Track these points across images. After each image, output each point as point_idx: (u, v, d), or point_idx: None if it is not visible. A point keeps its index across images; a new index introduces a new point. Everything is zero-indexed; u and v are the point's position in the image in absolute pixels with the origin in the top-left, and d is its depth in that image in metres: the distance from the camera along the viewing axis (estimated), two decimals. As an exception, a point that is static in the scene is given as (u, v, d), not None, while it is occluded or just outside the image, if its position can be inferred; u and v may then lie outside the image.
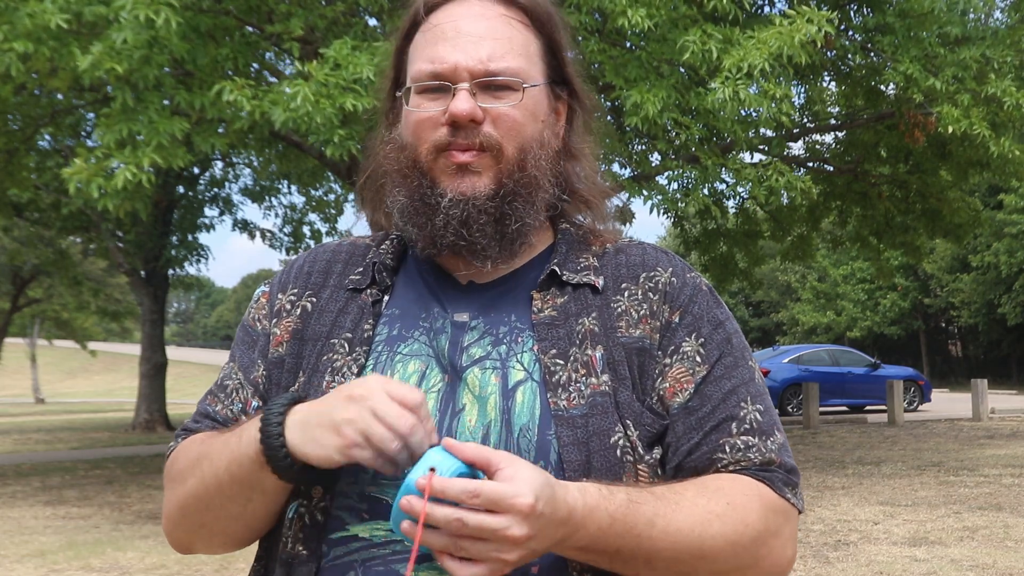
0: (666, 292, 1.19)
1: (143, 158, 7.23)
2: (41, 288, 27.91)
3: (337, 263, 1.25)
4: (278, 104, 7.20)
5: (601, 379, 1.11)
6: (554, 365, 1.11)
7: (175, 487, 1.17)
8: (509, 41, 1.14)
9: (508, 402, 1.09)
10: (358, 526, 1.06)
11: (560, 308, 1.16)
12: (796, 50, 7.78)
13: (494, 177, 1.13)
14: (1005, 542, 6.79)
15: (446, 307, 1.17)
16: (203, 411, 1.23)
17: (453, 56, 1.12)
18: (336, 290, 1.21)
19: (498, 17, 1.15)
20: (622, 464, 1.08)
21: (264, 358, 1.21)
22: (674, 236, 23.36)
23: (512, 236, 1.15)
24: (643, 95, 8.12)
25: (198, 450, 1.14)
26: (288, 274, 1.27)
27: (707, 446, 1.13)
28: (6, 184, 11.58)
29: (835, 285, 42.45)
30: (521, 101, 1.13)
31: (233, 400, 1.21)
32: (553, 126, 1.20)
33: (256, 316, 1.25)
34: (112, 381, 55.01)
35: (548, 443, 1.07)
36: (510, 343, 1.13)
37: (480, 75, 1.11)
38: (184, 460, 1.16)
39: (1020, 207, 31.54)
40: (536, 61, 1.17)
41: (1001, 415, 19.10)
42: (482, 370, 1.11)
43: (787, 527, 1.14)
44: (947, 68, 9.83)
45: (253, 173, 21.31)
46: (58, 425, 23.63)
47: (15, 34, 6.99)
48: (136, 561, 6.80)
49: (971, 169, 13.32)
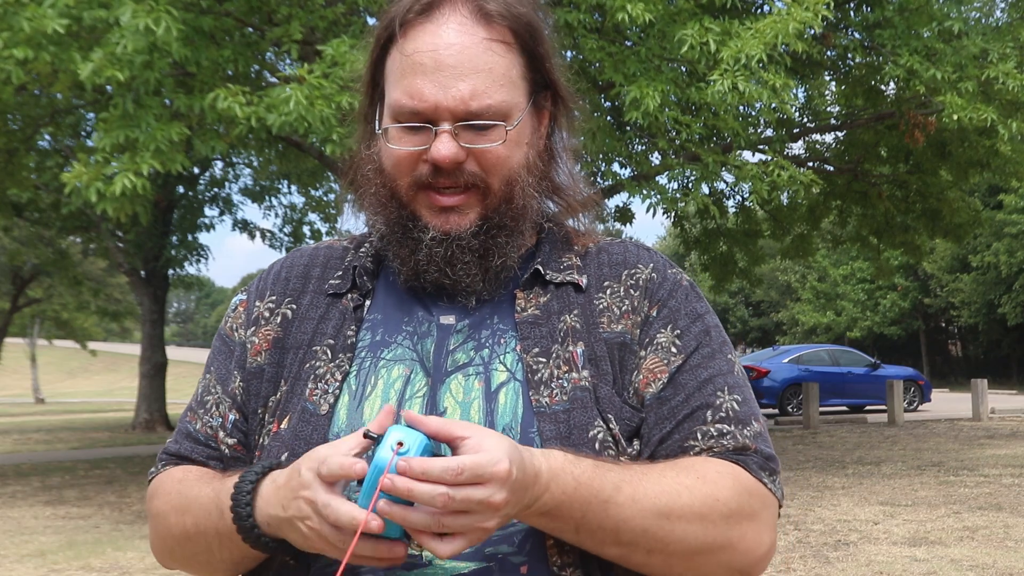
0: (647, 288, 1.18)
1: (142, 164, 7.23)
2: (41, 288, 27.92)
3: (315, 268, 1.23)
4: (273, 110, 7.21)
5: (582, 374, 1.11)
6: (536, 363, 1.11)
7: (158, 523, 1.18)
8: (490, 73, 1.09)
9: (491, 404, 1.09)
10: None
11: (543, 307, 1.16)
12: (791, 39, 7.78)
13: (480, 213, 1.12)
14: (1005, 542, 6.79)
15: (431, 310, 1.16)
16: (183, 431, 1.22)
17: (433, 95, 1.08)
18: (316, 296, 1.20)
19: (479, 44, 1.09)
20: (601, 456, 1.07)
21: (241, 369, 1.19)
22: (674, 236, 23.37)
23: (496, 270, 1.14)
24: (642, 90, 8.13)
25: (177, 500, 1.14)
26: (265, 280, 1.25)
27: (679, 434, 1.11)
28: (6, 184, 11.59)
29: (835, 285, 42.43)
30: (505, 139, 1.11)
31: (212, 415, 1.19)
32: (537, 140, 1.18)
33: (233, 325, 1.23)
34: (112, 381, 55.01)
35: (531, 440, 1.06)
36: (492, 346, 1.13)
37: (462, 116, 1.08)
38: (165, 501, 1.16)
39: (1020, 207, 31.53)
40: (519, 84, 1.13)
41: (1001, 415, 19.10)
42: (465, 376, 1.11)
43: (764, 512, 1.10)
44: (947, 62, 9.80)
45: (253, 173, 21.33)
46: (58, 425, 23.62)
47: (15, 40, 6.98)
48: (136, 561, 6.79)
49: (971, 169, 13.33)
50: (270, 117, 7.19)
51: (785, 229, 15.89)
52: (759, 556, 1.09)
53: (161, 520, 1.17)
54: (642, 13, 7.83)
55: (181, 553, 1.17)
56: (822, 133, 15.00)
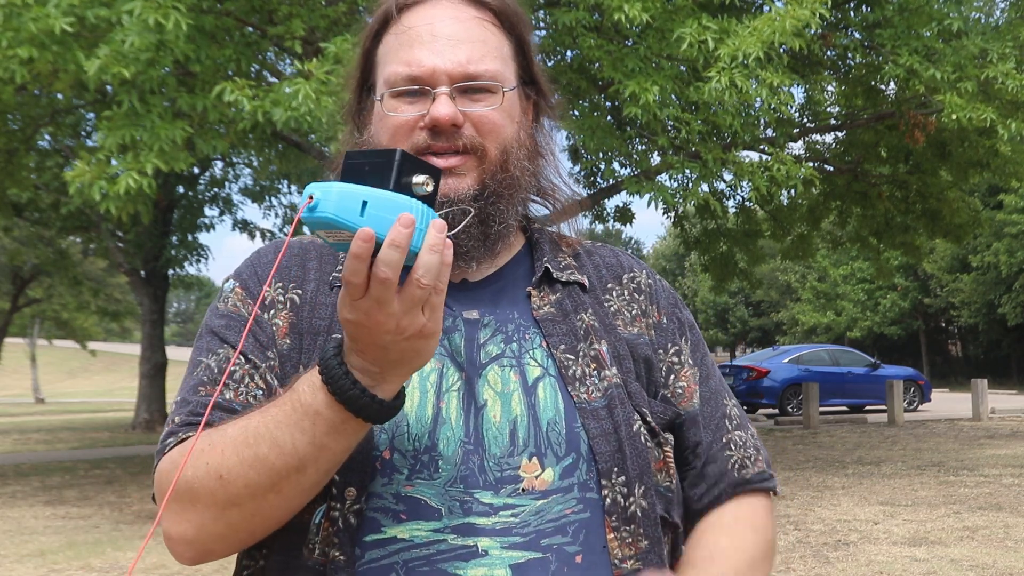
0: (649, 293, 1.25)
1: (145, 163, 7.23)
2: (41, 288, 27.91)
3: (310, 260, 1.20)
4: (279, 104, 7.20)
5: (612, 371, 1.14)
6: (566, 360, 1.13)
7: (205, 484, 1.00)
8: (484, 44, 1.13)
9: (531, 397, 1.09)
10: (395, 527, 1.03)
11: (556, 305, 1.18)
12: (788, 36, 7.79)
13: (477, 178, 1.12)
14: (1005, 542, 6.79)
15: (451, 305, 1.14)
16: (199, 403, 1.09)
17: (431, 60, 1.10)
18: (320, 284, 1.17)
19: (471, 19, 1.14)
20: (647, 449, 1.12)
21: (274, 348, 1.12)
22: (674, 236, 23.37)
23: (495, 237, 1.15)
24: (641, 85, 8.14)
25: (236, 435, 0.99)
26: (259, 266, 1.19)
27: (717, 445, 1.23)
28: (6, 184, 11.58)
29: (835, 285, 42.43)
30: (501, 104, 1.13)
31: (249, 386, 1.09)
32: (526, 126, 1.20)
33: (235, 303, 1.16)
34: (112, 381, 55.01)
35: (577, 435, 1.09)
36: (520, 340, 1.14)
37: (459, 79, 1.10)
38: (213, 452, 1.00)
39: (1020, 207, 31.53)
40: (509, 63, 1.16)
41: (1001, 415, 19.10)
42: (500, 367, 1.11)
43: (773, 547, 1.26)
44: (947, 62, 9.80)
45: (253, 173, 21.32)
46: (58, 425, 23.62)
47: (19, 40, 6.98)
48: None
49: (971, 169, 13.32)
50: (276, 112, 7.18)
51: (785, 229, 15.89)
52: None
53: (207, 473, 0.99)
54: (639, 13, 7.84)
55: (249, 504, 0.99)
56: (822, 133, 14.99)
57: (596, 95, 10.51)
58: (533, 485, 1.05)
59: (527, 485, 1.05)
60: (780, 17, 7.82)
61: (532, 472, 1.06)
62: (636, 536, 1.07)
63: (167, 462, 1.06)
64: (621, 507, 1.07)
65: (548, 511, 1.04)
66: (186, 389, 1.13)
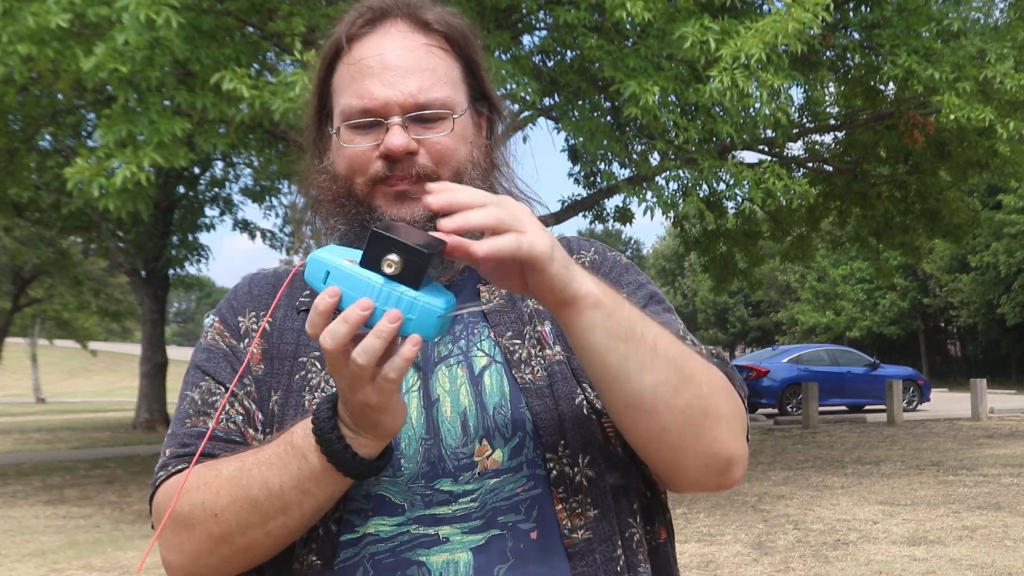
0: (592, 268, 1.25)
1: (144, 158, 7.24)
2: (42, 288, 27.95)
3: (280, 287, 1.24)
4: (277, 95, 7.22)
5: (555, 350, 1.17)
6: (512, 345, 1.17)
7: (197, 517, 1.07)
8: (434, 72, 1.16)
9: (478, 387, 1.14)
10: (364, 524, 1.08)
11: (506, 296, 1.22)
12: (790, 38, 7.80)
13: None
14: (1004, 541, 6.80)
15: None
16: (192, 433, 1.15)
17: (383, 92, 1.14)
18: (288, 310, 1.23)
19: (420, 47, 1.17)
20: (590, 420, 1.13)
21: (249, 375, 1.19)
22: (674, 236, 23.38)
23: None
24: (641, 85, 8.15)
25: (230, 474, 1.06)
26: (236, 299, 1.26)
27: None
28: (7, 184, 11.59)
29: (834, 285, 42.46)
30: (452, 129, 1.17)
31: (230, 413, 1.16)
32: (479, 144, 1.23)
33: (215, 337, 1.23)
34: (112, 381, 55.03)
35: (523, 415, 1.11)
36: (467, 336, 1.18)
37: (411, 108, 1.14)
38: (207, 488, 1.07)
39: (1019, 207, 31.56)
40: (459, 86, 1.20)
41: (1000, 415, 19.12)
42: (448, 366, 1.15)
43: (736, 420, 1.09)
44: (946, 62, 9.81)
45: (253, 173, 21.32)
46: (59, 425, 23.64)
47: (19, 36, 7.00)
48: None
49: (970, 169, 13.34)
50: (274, 102, 7.19)
51: (785, 230, 15.91)
52: (736, 455, 1.09)
53: (203, 511, 1.06)
54: (641, 11, 7.84)
55: (240, 540, 1.06)
56: (821, 133, 15.01)
57: (596, 95, 10.52)
58: (486, 466, 1.09)
59: (481, 468, 1.09)
60: (782, 19, 7.82)
61: (484, 454, 1.10)
62: (584, 506, 1.09)
63: (163, 494, 1.13)
64: (568, 478, 1.09)
65: (501, 490, 1.08)
66: (175, 422, 1.20)
